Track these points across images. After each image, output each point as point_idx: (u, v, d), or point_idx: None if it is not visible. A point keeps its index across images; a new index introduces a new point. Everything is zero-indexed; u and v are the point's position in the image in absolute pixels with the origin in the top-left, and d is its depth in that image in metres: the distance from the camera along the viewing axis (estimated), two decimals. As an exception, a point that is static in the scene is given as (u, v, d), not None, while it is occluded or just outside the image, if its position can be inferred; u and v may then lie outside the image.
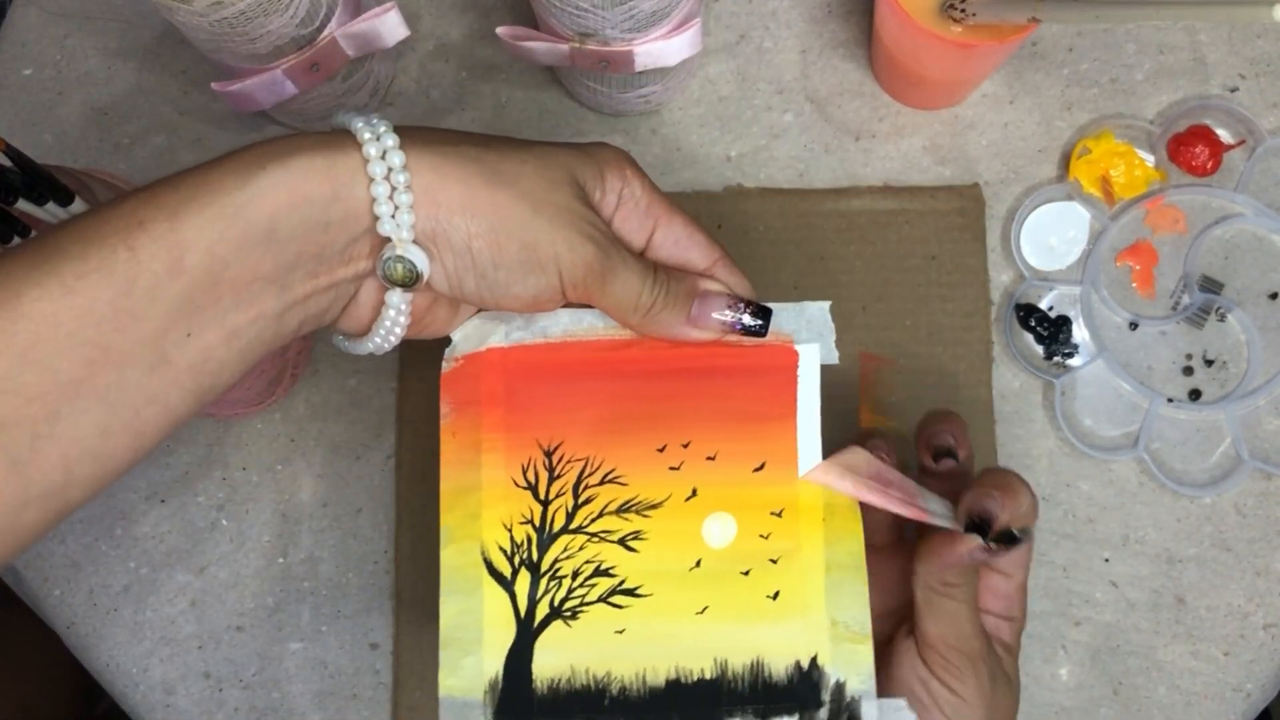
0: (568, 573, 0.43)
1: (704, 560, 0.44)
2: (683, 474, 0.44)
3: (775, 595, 0.44)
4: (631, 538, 0.44)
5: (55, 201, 0.42)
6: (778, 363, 0.45)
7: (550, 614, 0.43)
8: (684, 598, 0.43)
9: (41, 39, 0.65)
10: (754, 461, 0.44)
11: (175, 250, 0.34)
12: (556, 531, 0.44)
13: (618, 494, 0.44)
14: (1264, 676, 0.58)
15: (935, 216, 0.61)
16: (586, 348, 0.45)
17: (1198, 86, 0.62)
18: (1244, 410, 0.59)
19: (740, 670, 0.43)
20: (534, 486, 0.44)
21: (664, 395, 0.45)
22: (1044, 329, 0.60)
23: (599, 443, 0.44)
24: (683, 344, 0.44)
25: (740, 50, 0.64)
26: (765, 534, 0.44)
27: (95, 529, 0.61)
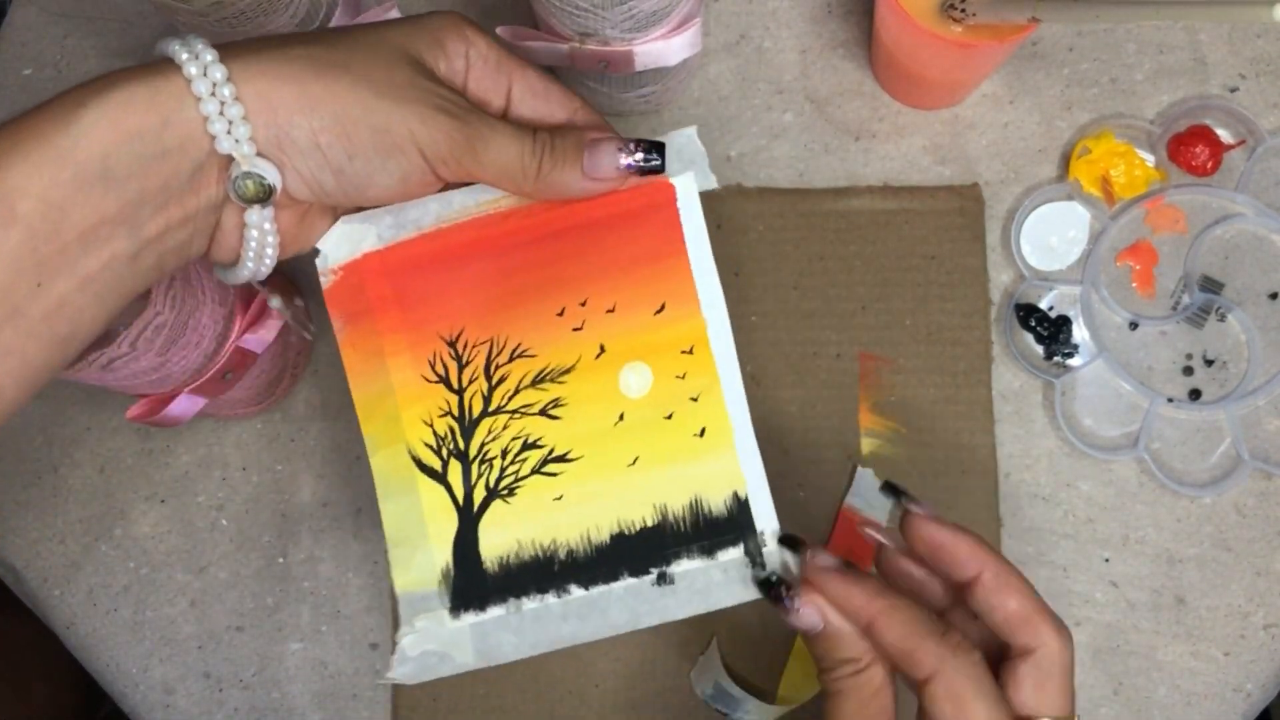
0: (496, 453, 0.44)
1: (626, 413, 0.44)
2: (586, 333, 0.44)
3: (701, 432, 0.44)
4: (551, 406, 0.44)
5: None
6: (655, 200, 0.44)
7: (488, 496, 0.44)
8: (613, 453, 0.44)
9: (41, 39, 0.65)
10: (653, 304, 0.44)
11: (7, 199, 0.33)
12: (477, 417, 0.44)
13: (529, 366, 0.44)
14: (1264, 676, 0.58)
15: (935, 216, 0.61)
16: (463, 229, 0.44)
17: (1198, 86, 0.62)
18: (1244, 410, 0.59)
19: (680, 511, 0.44)
20: (445, 378, 0.44)
21: (551, 259, 0.44)
22: (1044, 329, 0.60)
23: (498, 321, 0.44)
24: (571, 201, 0.43)
25: (740, 50, 0.64)
26: (681, 374, 0.44)
27: (95, 529, 0.61)
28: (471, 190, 0.44)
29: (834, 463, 0.59)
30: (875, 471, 0.59)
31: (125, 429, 0.62)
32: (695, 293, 0.44)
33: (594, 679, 0.59)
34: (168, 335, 0.46)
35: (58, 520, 0.61)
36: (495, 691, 0.58)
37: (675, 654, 0.58)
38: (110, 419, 0.62)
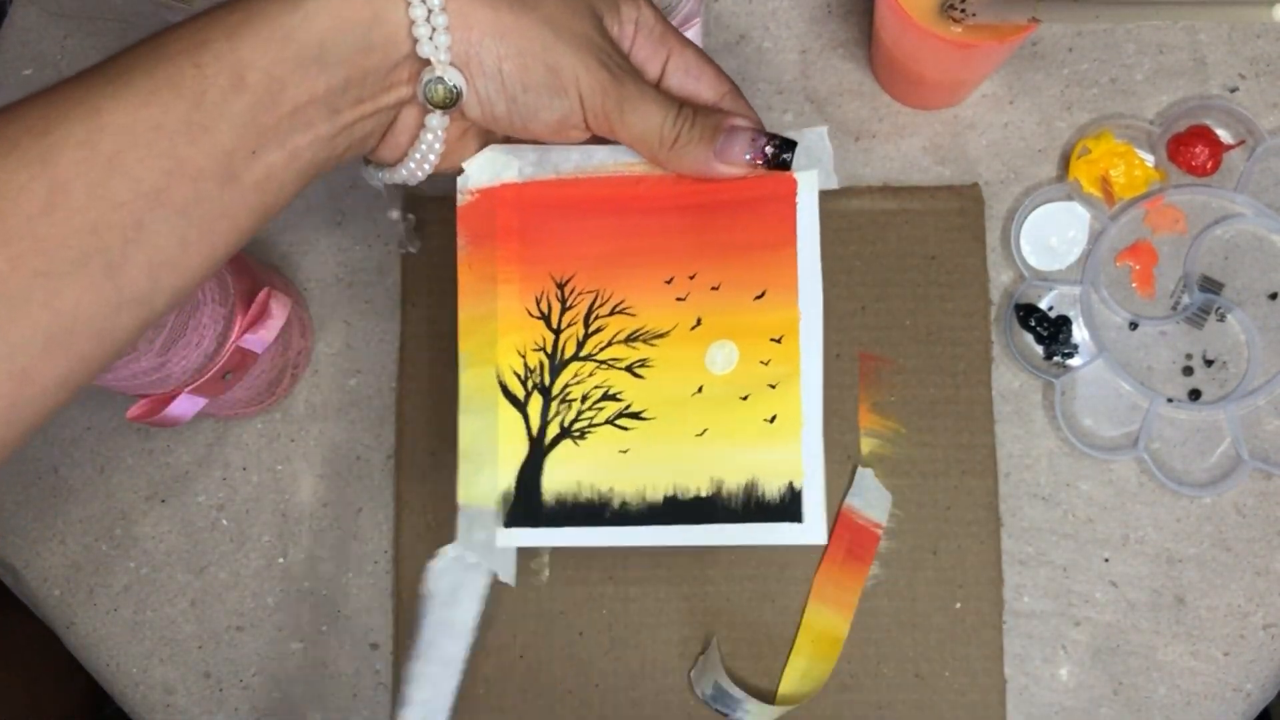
0: (577, 396, 0.46)
1: (706, 386, 0.46)
2: (688, 304, 0.46)
3: (772, 419, 0.46)
4: (638, 365, 0.47)
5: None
6: (777, 192, 0.46)
7: (560, 434, 0.47)
8: (685, 421, 0.46)
9: (42, 39, 0.65)
10: (755, 289, 0.46)
11: (237, 68, 0.36)
12: (568, 358, 0.47)
13: (626, 324, 0.47)
14: (1264, 676, 0.58)
15: (935, 216, 0.61)
16: (597, 184, 0.47)
17: (1197, 86, 0.62)
18: (1244, 410, 0.59)
19: (735, 489, 0.46)
20: (547, 316, 0.47)
21: (671, 229, 0.47)
22: (1044, 329, 0.60)
23: (609, 275, 0.47)
24: (702, 179, 0.46)
25: (740, 50, 0.64)
26: (765, 360, 0.46)
27: (95, 529, 0.61)
28: (613, 149, 0.46)
29: (834, 463, 0.59)
30: (875, 472, 0.59)
31: (125, 429, 0.62)
32: (796, 285, 0.46)
33: (594, 679, 0.59)
34: (168, 335, 0.46)
35: (58, 520, 0.62)
36: (495, 691, 0.58)
37: (675, 654, 0.58)
38: (110, 419, 0.62)
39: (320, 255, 0.63)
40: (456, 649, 0.47)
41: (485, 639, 0.59)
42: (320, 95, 0.38)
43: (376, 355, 0.62)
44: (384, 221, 0.63)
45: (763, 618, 0.58)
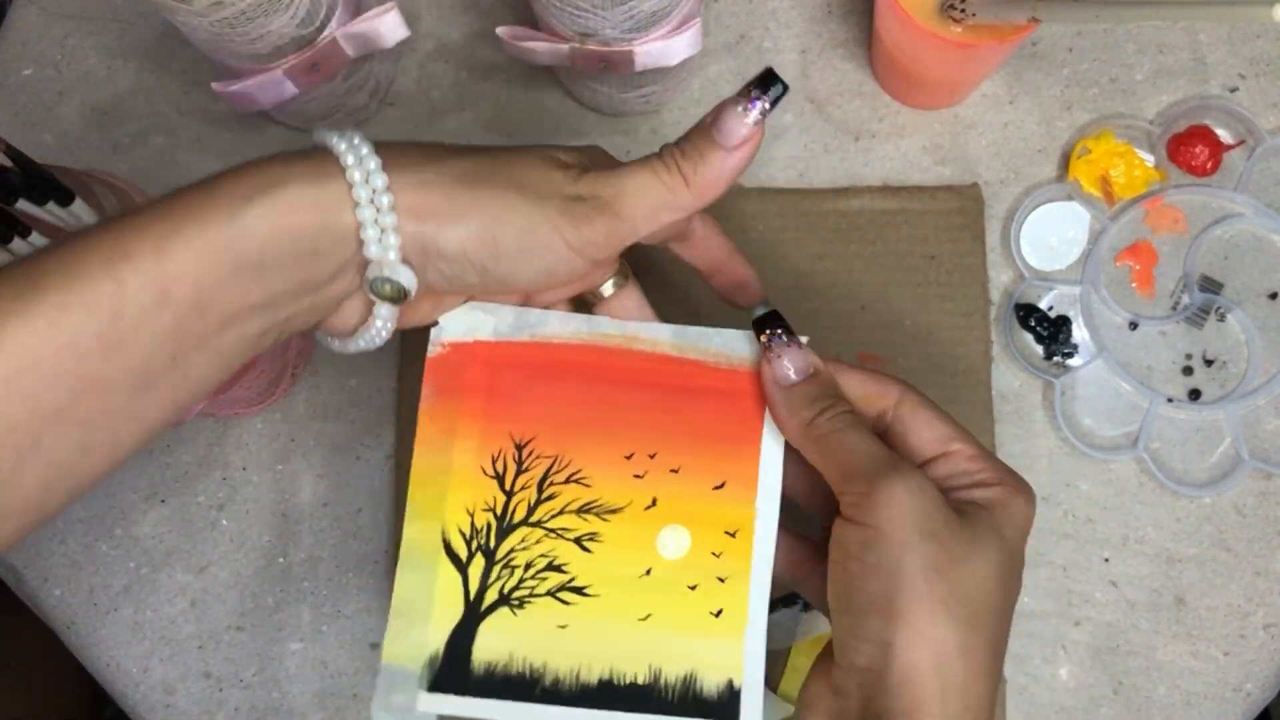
0: (521, 563, 0.45)
1: (654, 569, 0.45)
2: (646, 482, 0.45)
3: (719, 613, 0.45)
4: (588, 538, 0.45)
5: (55, 201, 0.42)
6: (750, 388, 0.46)
7: (498, 600, 0.45)
8: (630, 602, 0.45)
9: (42, 39, 0.65)
10: (716, 479, 0.45)
11: (162, 282, 0.34)
12: (516, 523, 0.45)
13: (580, 494, 0.45)
14: (1264, 676, 0.58)
15: (935, 216, 0.61)
16: (569, 350, 0.46)
17: (1197, 86, 0.62)
18: (1244, 410, 0.59)
19: (673, 681, 0.44)
20: (501, 477, 0.45)
21: (639, 406, 0.46)
22: (1044, 329, 0.60)
23: (569, 442, 0.46)
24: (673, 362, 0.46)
25: (740, 50, 0.64)
26: (718, 552, 0.45)
27: (95, 529, 0.61)
28: (590, 319, 0.46)
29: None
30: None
31: (126, 429, 0.62)
32: (756, 483, 0.45)
33: None
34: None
35: (58, 520, 0.61)
36: None
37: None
38: (111, 419, 0.62)
39: (320, 255, 0.63)
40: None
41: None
42: (255, 302, 0.36)
43: (376, 355, 0.62)
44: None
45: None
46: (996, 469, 0.42)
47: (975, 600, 0.38)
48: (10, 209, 0.42)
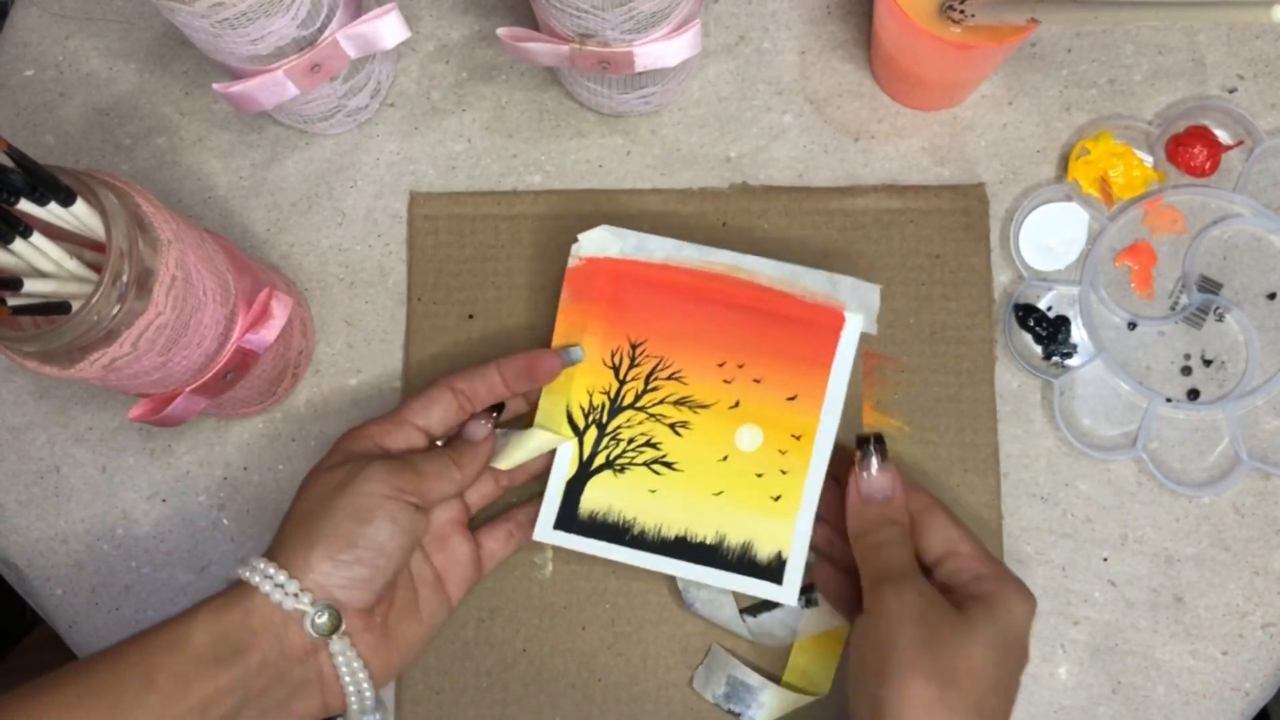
0: (625, 438, 0.57)
1: (730, 457, 0.56)
2: (733, 387, 0.57)
3: (777, 498, 0.56)
4: (680, 425, 0.57)
5: (57, 202, 0.43)
6: (827, 321, 0.56)
7: (604, 464, 0.57)
8: (708, 479, 0.56)
9: (43, 40, 0.65)
10: (789, 392, 0.56)
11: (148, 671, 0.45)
12: (625, 405, 0.57)
13: (678, 389, 0.57)
14: (1262, 675, 0.58)
15: (939, 215, 0.61)
16: (681, 273, 0.57)
17: (1196, 87, 0.62)
18: (1242, 410, 0.59)
19: (734, 545, 0.56)
20: (616, 368, 0.57)
21: (734, 324, 0.57)
22: (1043, 329, 0.60)
23: (674, 347, 0.57)
24: (766, 289, 0.57)
25: (740, 51, 0.64)
26: (783, 450, 0.56)
27: (97, 529, 0.61)
28: (700, 249, 0.57)
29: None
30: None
31: (127, 429, 0.62)
32: (822, 399, 0.56)
33: (596, 673, 0.59)
34: (169, 335, 0.46)
35: (60, 520, 0.62)
36: (498, 684, 0.59)
37: (677, 649, 0.59)
38: (112, 419, 0.62)
39: (320, 255, 0.63)
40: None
41: (489, 632, 0.59)
42: (225, 685, 0.45)
43: (377, 355, 0.62)
44: (384, 221, 0.63)
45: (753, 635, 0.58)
46: (995, 569, 0.50)
47: (959, 668, 0.46)
48: (12, 209, 0.42)
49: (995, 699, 0.46)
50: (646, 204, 0.62)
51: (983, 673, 0.46)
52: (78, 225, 0.44)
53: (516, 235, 0.62)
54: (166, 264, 0.45)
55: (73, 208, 0.43)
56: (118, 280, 0.43)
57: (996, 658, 0.47)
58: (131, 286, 0.43)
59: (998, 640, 0.47)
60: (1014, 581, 0.49)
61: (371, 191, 0.63)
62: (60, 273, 0.44)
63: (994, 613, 0.48)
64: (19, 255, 0.43)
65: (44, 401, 0.62)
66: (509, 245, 0.62)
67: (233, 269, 0.51)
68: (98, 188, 0.43)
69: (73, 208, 0.43)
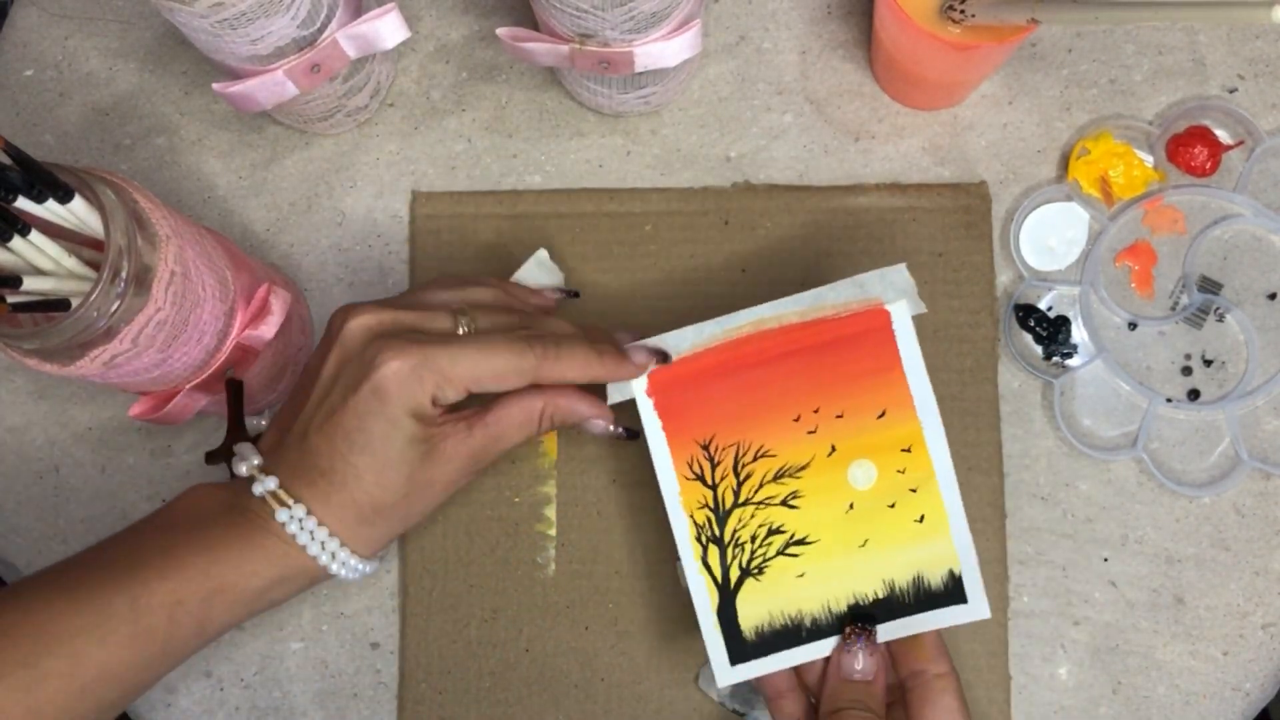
0: (746, 539, 0.52)
1: (855, 503, 0.52)
2: (819, 435, 0.52)
3: (921, 519, 0.51)
4: (791, 497, 0.52)
5: (55, 199, 0.42)
6: (875, 324, 0.51)
7: (741, 574, 0.52)
8: (846, 536, 0.52)
9: (43, 40, 0.65)
10: (876, 410, 0.52)
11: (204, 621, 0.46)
12: (729, 508, 0.52)
13: (770, 465, 0.52)
14: (1263, 676, 0.58)
15: (941, 214, 0.61)
16: (712, 354, 0.52)
17: (1196, 87, 0.62)
18: (1243, 410, 0.59)
19: (905, 586, 0.51)
20: (701, 476, 0.52)
21: (787, 374, 0.52)
22: (1043, 329, 0.60)
23: (744, 427, 0.52)
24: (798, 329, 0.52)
25: (740, 51, 0.64)
26: (901, 469, 0.52)
27: (97, 528, 0.61)
28: (716, 321, 0.52)
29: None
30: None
31: (127, 428, 0.62)
32: (911, 400, 0.52)
33: (600, 672, 0.59)
34: (169, 331, 0.46)
35: (59, 519, 0.62)
36: (501, 684, 0.59)
37: (680, 649, 0.59)
38: (112, 418, 0.62)
39: (320, 255, 0.63)
40: None
41: (492, 632, 0.59)
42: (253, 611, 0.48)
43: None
44: (384, 221, 0.63)
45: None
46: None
47: None
48: (10, 207, 0.42)
49: None
50: (649, 203, 0.62)
51: None
52: (76, 223, 0.44)
53: (519, 235, 0.62)
54: (165, 260, 0.45)
55: (70, 205, 0.43)
56: (117, 276, 0.43)
57: None
58: (130, 283, 0.43)
59: None
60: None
61: (371, 191, 0.63)
62: (59, 270, 0.44)
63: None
64: (18, 253, 0.43)
65: (44, 401, 0.62)
66: (511, 245, 0.62)
67: (231, 265, 0.51)
68: (95, 184, 0.43)
69: (70, 205, 0.43)
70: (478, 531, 0.60)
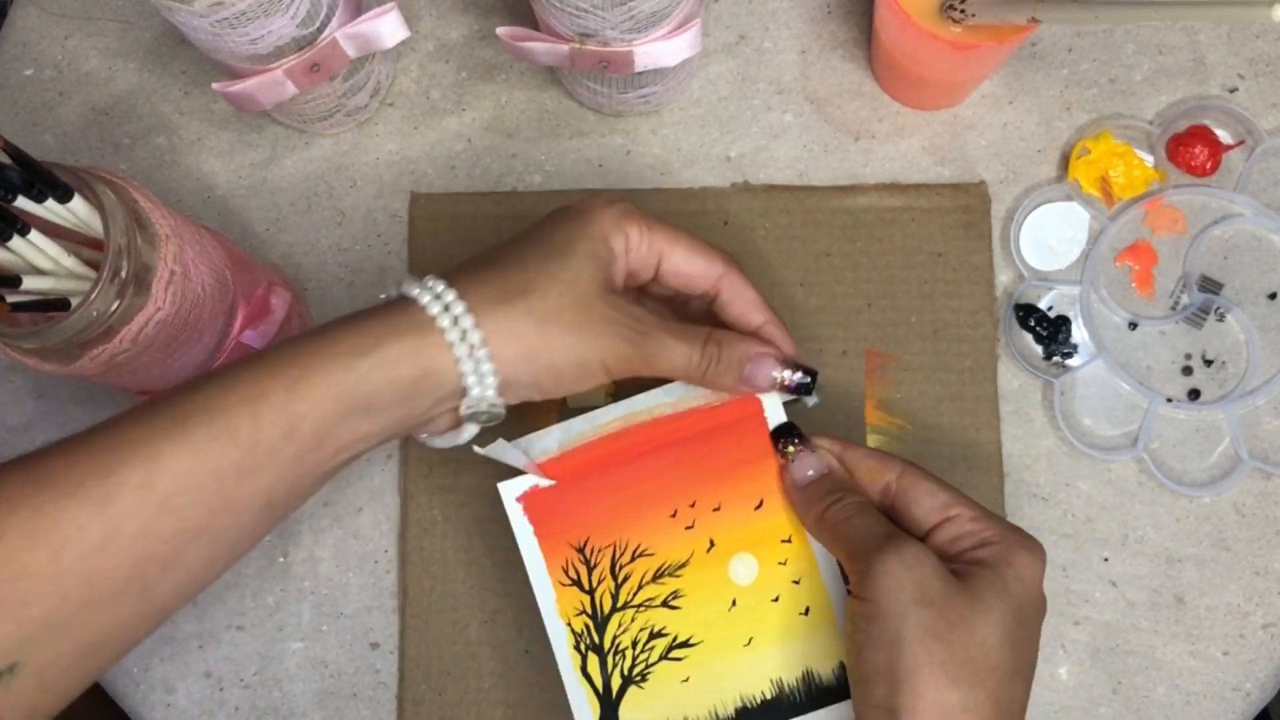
0: (627, 644, 0.50)
1: (738, 599, 0.50)
2: (697, 530, 0.50)
3: (806, 610, 0.50)
4: (671, 598, 0.50)
5: (54, 198, 0.42)
6: (746, 412, 0.51)
7: (624, 683, 0.50)
8: (730, 635, 0.50)
9: (42, 39, 0.65)
10: (753, 501, 0.51)
11: (292, 420, 0.40)
12: (608, 613, 0.50)
13: (649, 564, 0.50)
14: (1263, 676, 0.58)
15: (941, 214, 0.61)
16: (582, 452, 0.51)
17: (1197, 87, 0.62)
18: (1243, 410, 0.59)
19: (794, 683, 0.50)
20: (577, 580, 0.51)
21: (660, 469, 0.51)
22: (1043, 329, 0.60)
23: (618, 526, 0.51)
24: (670, 419, 0.51)
25: (740, 51, 0.64)
26: (782, 560, 0.50)
27: (95, 528, 0.61)
28: (585, 417, 0.51)
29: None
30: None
31: (126, 428, 0.62)
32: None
33: None
34: (169, 331, 0.46)
35: (58, 520, 0.61)
36: (501, 685, 0.58)
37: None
38: (111, 419, 0.62)
39: (320, 255, 0.63)
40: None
41: (492, 633, 0.59)
42: (364, 435, 0.42)
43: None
44: (384, 221, 0.63)
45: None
46: (998, 526, 0.46)
47: (977, 660, 0.42)
48: (9, 207, 0.42)
49: (1014, 685, 0.43)
50: (647, 203, 0.62)
51: (1001, 660, 0.42)
52: (75, 222, 0.44)
53: None
54: (165, 259, 0.45)
55: (70, 205, 0.43)
56: (116, 276, 0.43)
57: (1013, 636, 0.43)
58: (130, 282, 0.43)
59: (1013, 616, 0.43)
60: (1019, 538, 0.45)
61: (371, 191, 0.63)
62: (59, 270, 0.44)
63: (1004, 582, 0.43)
64: (17, 253, 0.43)
65: (43, 401, 0.62)
66: None
67: (230, 265, 0.51)
68: (95, 184, 0.43)
69: (70, 205, 0.43)
70: (478, 531, 0.59)
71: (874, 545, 0.44)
